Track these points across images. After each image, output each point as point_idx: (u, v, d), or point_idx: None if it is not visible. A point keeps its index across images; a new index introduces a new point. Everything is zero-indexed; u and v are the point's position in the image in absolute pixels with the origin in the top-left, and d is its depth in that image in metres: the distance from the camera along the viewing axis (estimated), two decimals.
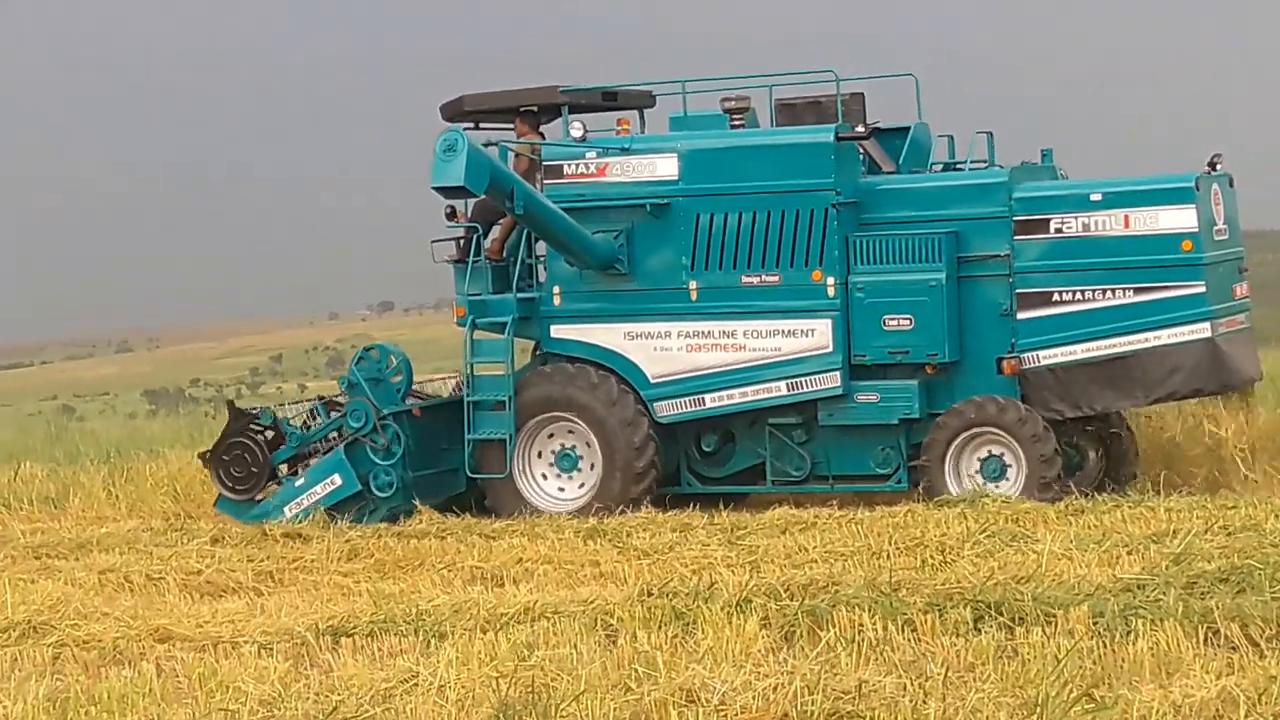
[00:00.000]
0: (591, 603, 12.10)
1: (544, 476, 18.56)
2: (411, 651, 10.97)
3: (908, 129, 18.59)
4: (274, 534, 17.03)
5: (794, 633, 10.90)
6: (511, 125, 19.40)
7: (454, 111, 19.24)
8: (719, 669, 9.73)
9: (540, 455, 18.55)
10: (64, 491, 20.74)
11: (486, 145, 17.97)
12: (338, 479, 18.58)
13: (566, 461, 18.51)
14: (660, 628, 11.07)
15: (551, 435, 18.54)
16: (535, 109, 19.27)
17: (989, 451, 17.15)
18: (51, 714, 9.80)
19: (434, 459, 18.96)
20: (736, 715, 9.04)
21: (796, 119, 18.49)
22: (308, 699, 9.83)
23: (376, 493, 18.58)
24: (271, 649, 11.35)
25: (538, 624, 11.54)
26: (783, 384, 17.87)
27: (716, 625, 10.88)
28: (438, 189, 17.35)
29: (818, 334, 17.77)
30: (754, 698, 9.14)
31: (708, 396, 18.08)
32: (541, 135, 19.28)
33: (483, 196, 17.68)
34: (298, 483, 18.76)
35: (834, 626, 10.77)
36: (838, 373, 17.62)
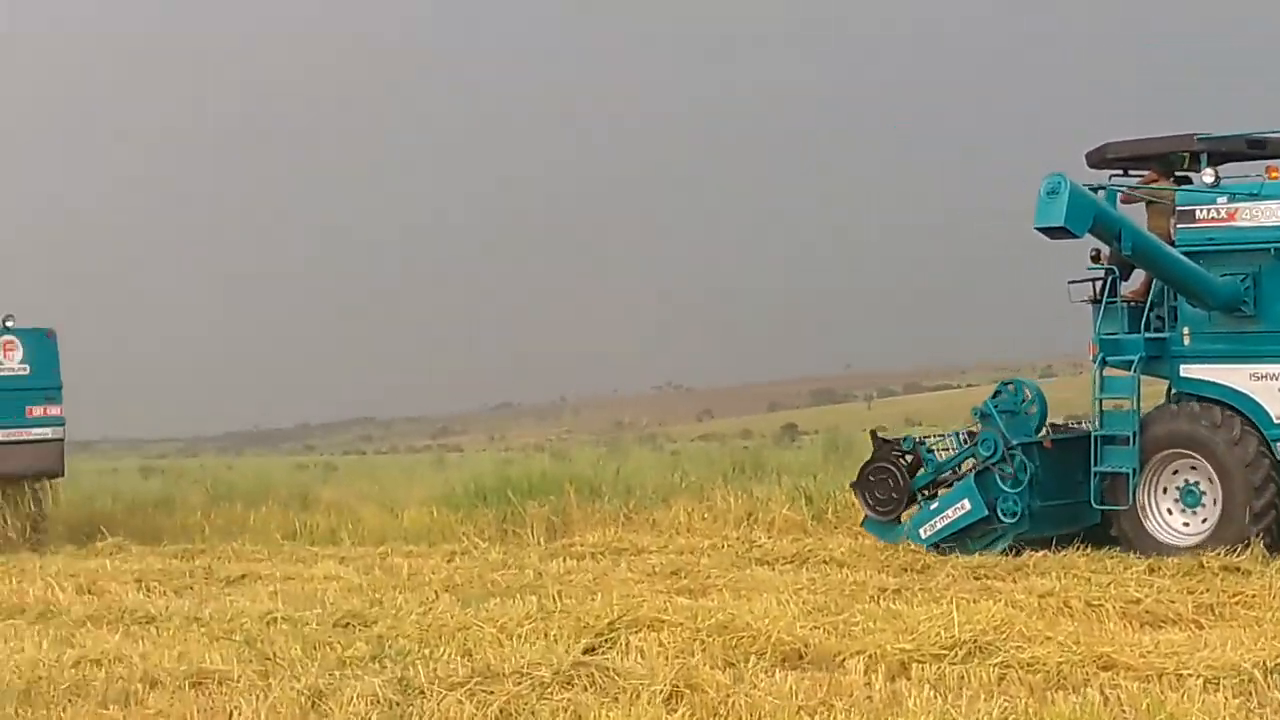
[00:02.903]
0: None
1: (1169, 511, 19.07)
2: None
3: None
4: (1211, 566, 16.99)
5: None
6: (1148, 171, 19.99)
7: (1098, 159, 20.01)
8: None
9: (1165, 490, 19.11)
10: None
11: (1095, 190, 18.72)
12: (967, 504, 19.69)
13: (1190, 498, 18.89)
14: None
15: (1176, 471, 19.04)
16: (1181, 156, 19.66)
17: None
18: None
19: (1065, 490, 19.69)
20: None
21: None
22: None
23: (1003, 519, 19.61)
24: (1218, 684, 11.10)
25: None
26: None
27: None
28: (1040, 229, 18.03)
29: None
30: None
31: None
32: (1176, 181, 19.69)
33: (1084, 236, 18.25)
34: (932, 506, 20.09)
35: None
36: None
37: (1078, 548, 18.77)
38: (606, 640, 12.86)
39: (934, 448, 20.67)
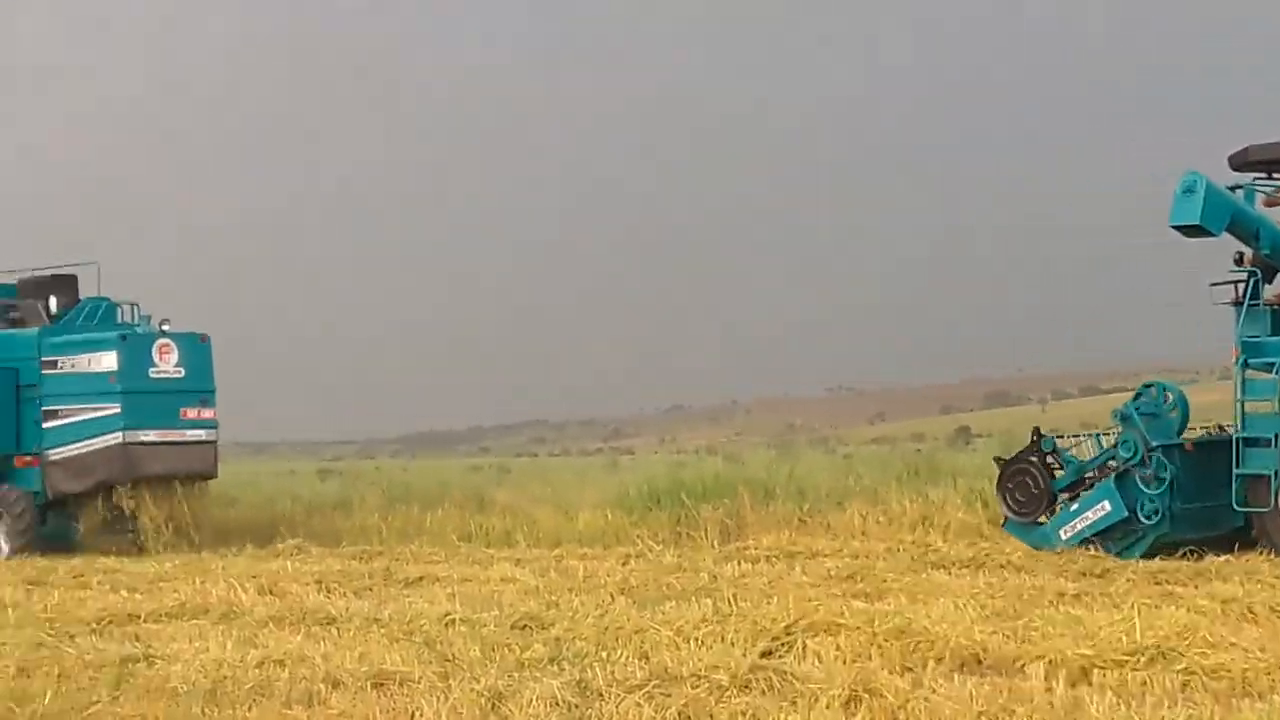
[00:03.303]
0: None
1: None
2: None
3: None
4: None
5: None
6: None
7: (1241, 161, 19.77)
8: None
9: None
10: None
11: (1234, 189, 18.77)
12: (1106, 505, 19.86)
13: None
14: None
15: None
16: None
17: None
18: None
19: (1207, 493, 19.63)
20: None
21: None
22: None
23: (1143, 520, 19.71)
24: None
25: None
26: None
27: None
28: (1175, 228, 18.21)
29: None
30: None
31: None
32: None
33: (1221, 235, 18.44)
34: (1072, 507, 20.25)
35: None
36: None
37: (1261, 553, 18.47)
38: (783, 644, 12.83)
39: (1074, 450, 20.88)
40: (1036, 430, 21.37)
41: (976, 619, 13.90)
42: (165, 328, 27.76)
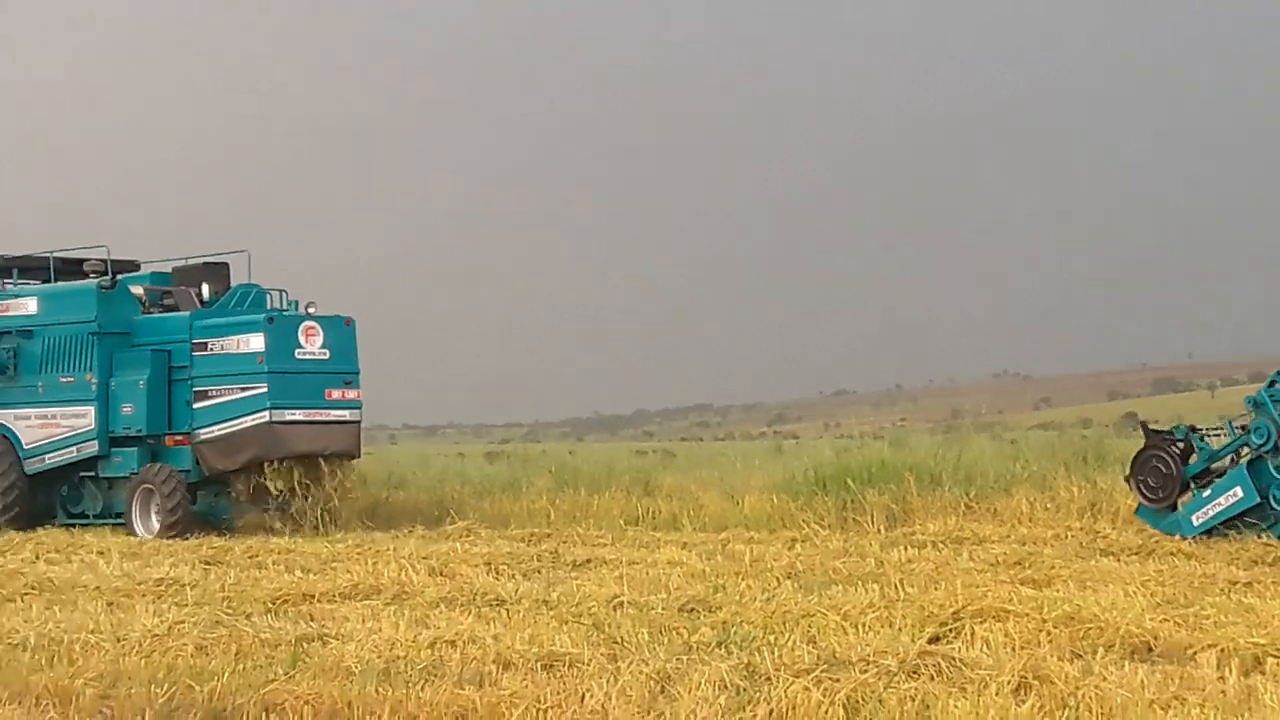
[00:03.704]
0: None
1: None
2: None
3: None
4: None
5: None
6: None
7: None
8: None
9: None
10: None
11: None
12: (1239, 492, 19.93)
13: None
14: None
15: None
16: None
17: None
18: None
19: None
20: None
21: None
22: None
23: (1275, 506, 19.79)
24: None
25: None
26: None
27: None
28: None
29: None
30: None
31: None
32: None
33: None
34: (1204, 494, 20.30)
35: None
36: None
37: None
38: (951, 630, 12.82)
39: (1206, 435, 20.89)
40: (1144, 424, 21.69)
41: (1146, 606, 13.79)
42: (311, 310, 28.51)
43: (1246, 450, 20.20)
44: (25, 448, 29.72)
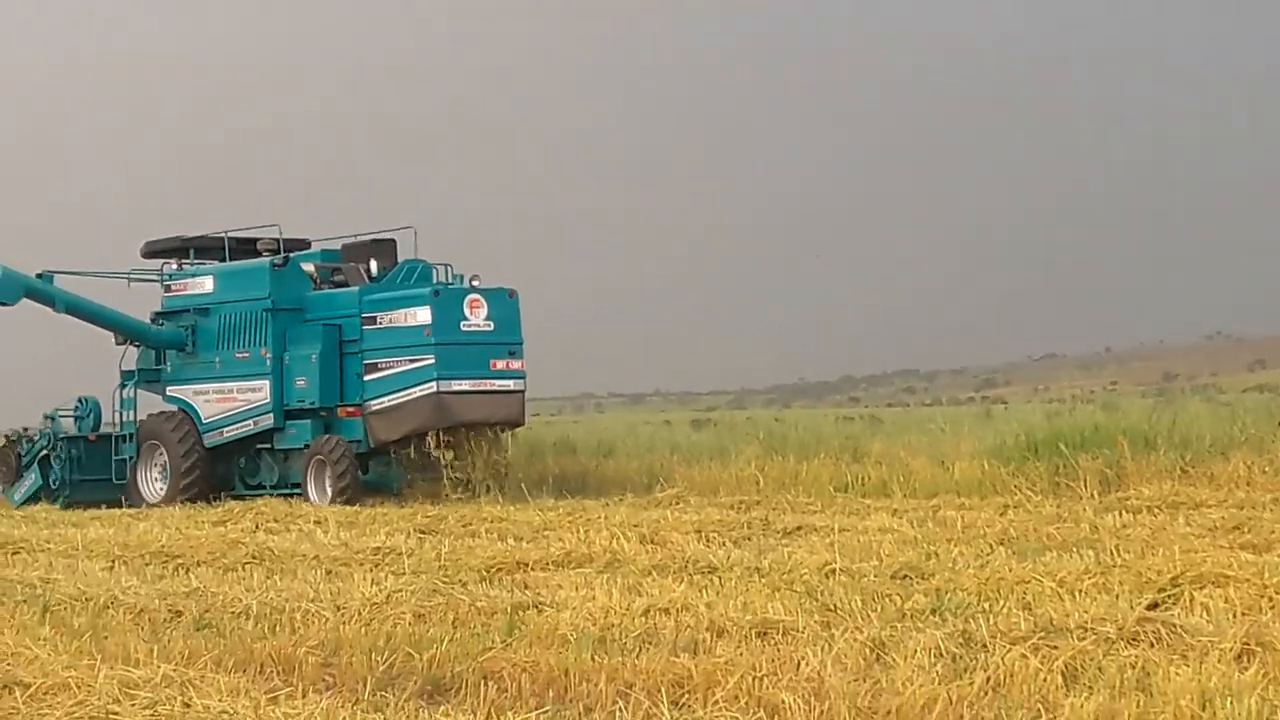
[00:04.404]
0: None
1: None
2: None
3: None
4: None
5: None
6: None
7: None
8: None
9: None
10: None
11: None
12: None
13: None
14: None
15: None
16: None
17: None
18: None
19: None
20: None
21: None
22: None
23: None
24: None
25: None
26: None
27: None
28: None
29: None
30: None
31: None
32: None
33: None
34: None
35: None
36: None
37: None
38: (1169, 596, 12.61)
39: None
40: None
41: None
42: (475, 284, 29.15)
43: None
44: (204, 422, 30.94)
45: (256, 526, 22.89)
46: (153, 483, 31.21)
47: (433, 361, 28.28)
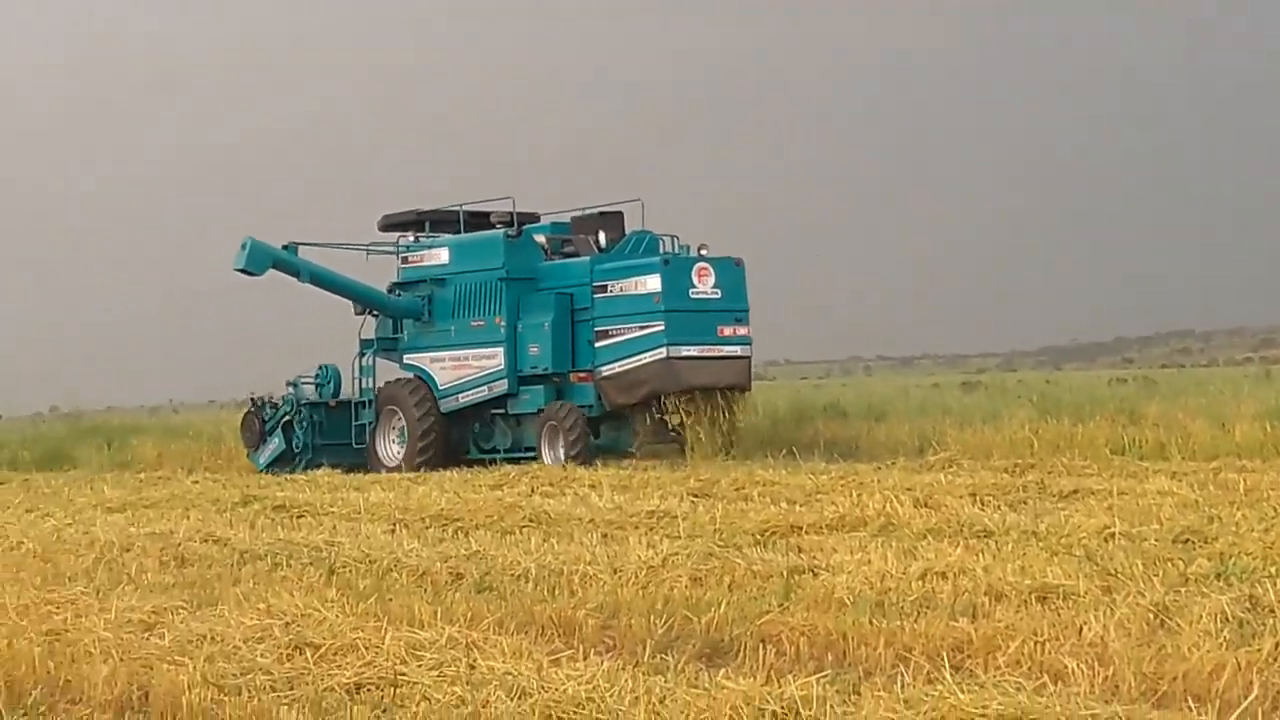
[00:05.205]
0: None
1: None
2: None
3: None
4: None
5: None
6: None
7: None
8: None
9: None
10: None
11: None
12: None
13: None
14: None
15: None
16: None
17: None
18: None
19: None
20: None
21: None
22: None
23: None
24: None
25: None
26: None
27: None
28: None
29: None
30: None
31: None
32: None
33: None
34: None
35: None
36: None
37: None
38: None
39: None
40: None
41: None
42: (703, 252, 29.93)
43: None
44: (440, 388, 32.09)
45: (532, 490, 23.22)
46: (390, 446, 32.46)
47: (663, 328, 29.14)
